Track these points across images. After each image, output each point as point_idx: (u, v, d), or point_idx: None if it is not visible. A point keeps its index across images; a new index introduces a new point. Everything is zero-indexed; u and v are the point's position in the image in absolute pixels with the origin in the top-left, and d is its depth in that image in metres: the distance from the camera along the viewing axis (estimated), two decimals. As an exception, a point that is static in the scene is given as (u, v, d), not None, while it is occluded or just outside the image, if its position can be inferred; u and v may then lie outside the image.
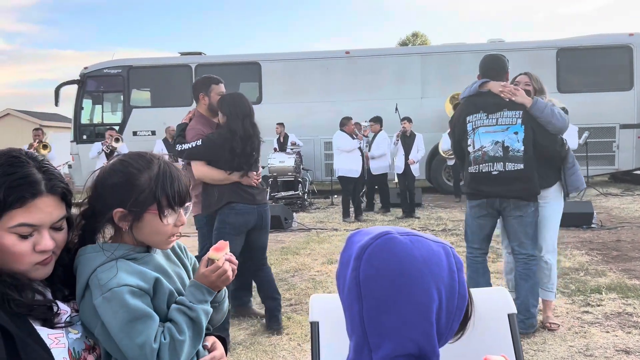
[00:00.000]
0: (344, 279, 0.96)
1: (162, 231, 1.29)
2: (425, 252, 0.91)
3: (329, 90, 13.19)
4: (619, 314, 4.05)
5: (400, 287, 0.88)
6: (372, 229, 0.97)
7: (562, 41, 12.87)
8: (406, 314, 0.88)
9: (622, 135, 12.46)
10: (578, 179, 3.71)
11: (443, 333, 0.93)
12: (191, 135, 3.69)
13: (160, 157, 1.33)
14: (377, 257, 0.90)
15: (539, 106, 3.52)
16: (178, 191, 1.30)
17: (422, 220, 9.10)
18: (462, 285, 0.94)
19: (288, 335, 3.82)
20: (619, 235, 7.11)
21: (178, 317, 1.26)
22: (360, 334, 0.92)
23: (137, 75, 13.61)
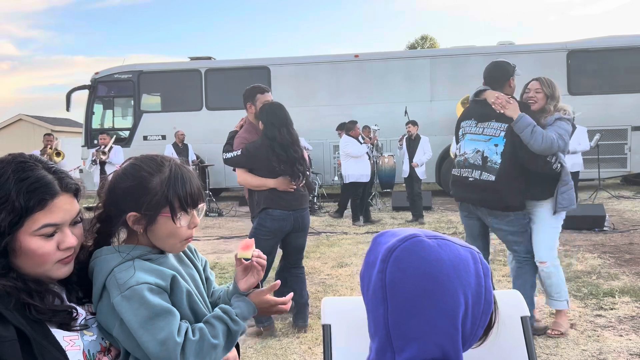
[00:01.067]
0: (368, 280, 0.95)
1: (176, 233, 1.30)
2: (453, 257, 0.90)
3: (338, 94, 13.21)
4: (632, 317, 4.01)
5: (427, 291, 0.88)
6: (399, 230, 0.97)
7: (572, 43, 12.80)
8: (432, 318, 0.87)
9: (634, 138, 12.36)
10: (568, 198, 3.57)
11: (467, 338, 0.92)
12: (237, 143, 3.92)
13: (172, 160, 1.34)
14: (404, 260, 0.89)
15: (519, 125, 3.48)
16: (190, 193, 1.31)
17: (432, 224, 9.07)
18: (489, 292, 0.93)
19: (299, 338, 3.82)
20: (632, 239, 7.04)
21: (217, 323, 1.28)
22: (383, 336, 0.91)
23: (147, 80, 13.70)
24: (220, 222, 10.15)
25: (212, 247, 7.52)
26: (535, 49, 12.69)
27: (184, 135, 12.10)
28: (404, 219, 9.67)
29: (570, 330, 3.80)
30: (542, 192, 3.63)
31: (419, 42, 60.42)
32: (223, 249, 7.40)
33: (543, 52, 12.58)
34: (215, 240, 8.09)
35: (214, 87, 13.49)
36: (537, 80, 3.69)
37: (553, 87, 3.68)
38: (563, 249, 6.52)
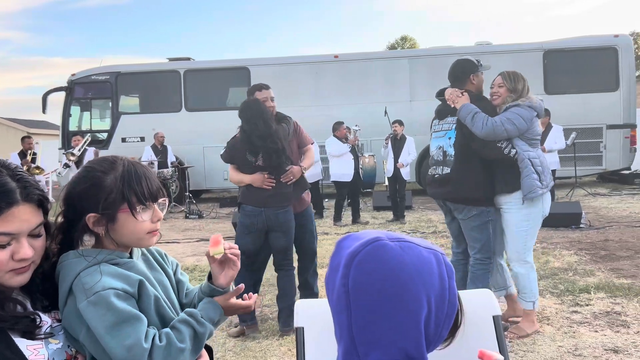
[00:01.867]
0: (332, 285, 0.94)
1: (139, 229, 1.29)
2: (416, 259, 0.90)
3: (319, 94, 13.20)
4: (607, 313, 4.07)
5: (390, 296, 0.87)
6: (363, 234, 0.96)
7: (548, 43, 12.98)
8: (395, 323, 0.87)
9: (609, 136, 12.57)
10: (526, 184, 3.54)
11: (432, 340, 0.92)
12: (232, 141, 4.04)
13: (125, 158, 1.34)
14: (367, 264, 0.89)
15: (461, 114, 3.58)
16: (147, 187, 1.30)
17: (412, 223, 9.12)
18: (453, 293, 0.93)
19: (278, 340, 3.81)
20: (607, 235, 7.17)
21: (183, 327, 1.27)
22: (348, 340, 0.90)
23: (125, 82, 13.56)
24: (200, 224, 10.08)
25: (192, 250, 7.46)
26: (512, 49, 12.84)
27: (163, 137, 11.99)
28: (384, 219, 9.70)
29: (546, 326, 3.85)
30: (506, 185, 3.61)
31: (399, 42, 60.68)
32: (203, 251, 7.34)
33: (520, 52, 12.74)
34: (195, 243, 8.04)
35: (194, 88, 13.40)
36: (500, 75, 3.74)
37: (515, 81, 3.67)
38: (540, 246, 6.61)
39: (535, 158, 3.59)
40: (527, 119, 3.54)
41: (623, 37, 12.95)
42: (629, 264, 5.58)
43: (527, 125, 3.55)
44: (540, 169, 3.57)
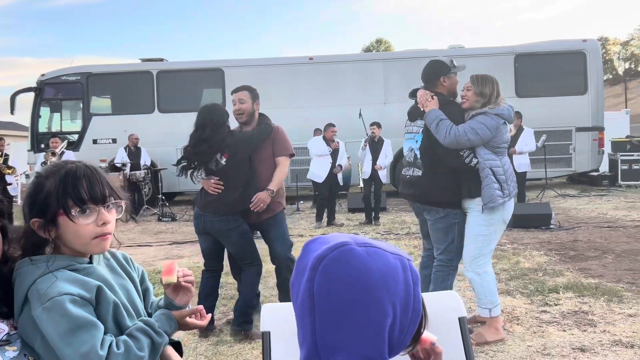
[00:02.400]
0: (298, 288, 0.93)
1: (82, 232, 1.26)
2: (382, 265, 0.89)
3: (293, 96, 13.19)
4: (575, 312, 4.15)
5: (354, 302, 0.87)
6: (331, 237, 0.95)
7: (519, 47, 13.21)
8: (359, 329, 0.87)
9: (578, 138, 12.85)
10: (486, 194, 3.52)
11: (394, 347, 0.92)
12: None
13: (78, 163, 1.31)
14: (332, 269, 0.88)
15: (427, 119, 3.61)
16: (87, 190, 1.27)
17: (386, 224, 9.17)
18: (417, 300, 0.93)
19: (251, 344, 3.79)
20: (576, 236, 7.31)
21: (141, 336, 1.25)
22: (310, 345, 0.89)
23: (96, 82, 13.35)
24: (173, 227, 9.97)
25: (165, 253, 7.38)
26: (484, 53, 13.03)
27: (138, 139, 11.84)
28: (359, 221, 9.74)
29: (516, 326, 3.90)
30: (469, 190, 3.62)
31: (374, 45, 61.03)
32: (176, 254, 7.27)
33: (492, 55, 12.94)
34: (167, 246, 7.94)
35: (167, 89, 13.26)
36: (470, 78, 3.71)
37: (483, 85, 3.62)
38: (511, 247, 6.71)
39: (498, 167, 3.56)
40: (491, 128, 3.50)
41: (591, 41, 13.26)
42: (596, 264, 5.71)
43: (492, 134, 3.51)
44: (502, 177, 3.55)
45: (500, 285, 4.97)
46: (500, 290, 4.80)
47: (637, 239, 6.95)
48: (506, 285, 4.99)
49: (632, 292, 4.59)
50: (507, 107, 3.61)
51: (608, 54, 72.51)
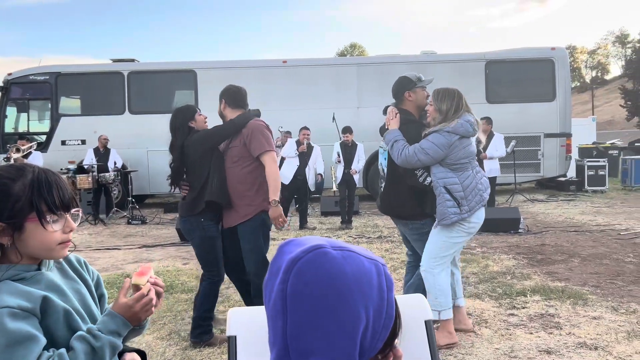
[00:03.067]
0: (270, 290, 0.92)
1: (49, 239, 1.23)
2: (357, 270, 0.88)
3: (266, 99, 13.12)
4: (542, 315, 4.23)
5: (327, 305, 0.85)
6: (306, 240, 0.94)
7: (490, 54, 13.43)
8: (330, 334, 0.86)
9: (547, 144, 13.11)
10: (439, 212, 3.60)
11: (366, 352, 0.91)
12: None
13: (35, 166, 1.27)
14: (306, 272, 0.87)
15: (385, 140, 3.76)
16: (59, 196, 1.24)
17: (359, 228, 9.20)
18: (391, 305, 0.92)
19: (220, 348, 3.75)
20: (544, 240, 7.45)
21: (77, 344, 1.19)
22: (281, 348, 0.88)
23: (66, 82, 13.08)
24: (143, 229, 9.82)
25: (134, 256, 7.26)
26: (455, 59, 13.22)
27: (107, 140, 11.63)
28: (332, 224, 9.75)
29: (484, 329, 3.95)
30: (431, 206, 3.69)
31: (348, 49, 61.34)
32: (145, 257, 7.16)
33: (463, 61, 13.13)
34: (137, 249, 7.82)
35: (138, 90, 13.07)
36: (432, 93, 3.74)
37: (441, 101, 3.64)
38: (481, 250, 6.81)
39: (454, 184, 3.57)
40: (442, 146, 3.52)
41: (559, 49, 13.57)
42: (563, 267, 5.82)
43: (444, 152, 3.53)
44: (460, 194, 3.56)
45: (469, 289, 5.03)
46: (469, 294, 4.86)
47: (602, 243, 7.12)
48: (475, 288, 5.06)
49: (597, 295, 4.70)
50: (463, 122, 3.58)
51: (576, 62, 74.33)
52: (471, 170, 3.65)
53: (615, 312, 4.24)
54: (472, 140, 3.72)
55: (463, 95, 3.70)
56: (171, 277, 5.76)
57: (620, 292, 4.81)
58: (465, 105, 3.67)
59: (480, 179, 3.69)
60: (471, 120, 3.63)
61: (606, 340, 3.64)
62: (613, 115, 51.53)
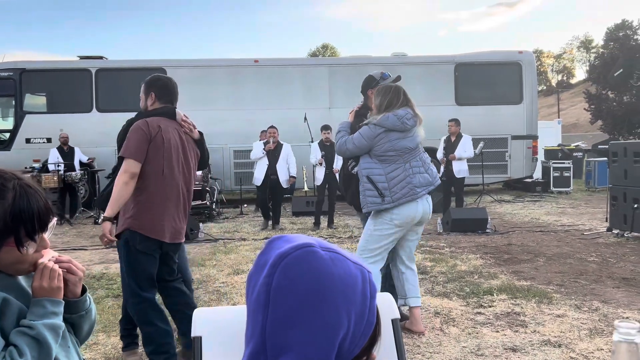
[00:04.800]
0: (255, 283, 0.91)
1: (22, 260, 1.20)
2: (344, 273, 0.88)
3: (238, 98, 13.07)
4: (508, 314, 4.30)
5: (310, 304, 0.85)
6: (296, 237, 0.93)
7: (459, 56, 13.62)
8: (311, 332, 0.85)
9: (514, 146, 13.37)
10: (362, 200, 3.78)
11: (343, 356, 0.90)
12: None
13: (15, 179, 1.21)
14: (294, 268, 0.86)
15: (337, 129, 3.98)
16: (38, 216, 1.20)
17: (328, 230, 9.21)
18: (372, 313, 0.92)
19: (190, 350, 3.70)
20: (510, 240, 7.59)
21: (17, 338, 1.17)
22: (259, 342, 0.87)
23: (31, 79, 12.76)
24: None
25: (100, 257, 7.13)
26: (425, 61, 13.37)
27: (66, 138, 11.34)
28: (303, 224, 9.75)
29: (452, 328, 4.01)
30: (351, 196, 4.01)
31: (320, 50, 61.46)
32: (112, 258, 7.02)
33: (433, 63, 13.29)
34: (104, 250, 7.67)
35: (106, 87, 12.84)
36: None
37: (377, 96, 3.79)
38: (449, 250, 6.89)
39: (378, 175, 3.67)
40: (368, 137, 3.67)
41: (526, 53, 13.85)
42: (529, 266, 5.94)
43: (368, 143, 3.68)
44: (384, 185, 3.66)
45: (437, 288, 5.09)
46: (437, 293, 4.93)
47: (567, 243, 7.30)
48: (443, 287, 5.12)
49: (561, 294, 4.81)
50: (389, 116, 3.66)
51: (542, 66, 75.98)
52: (403, 164, 3.69)
53: (579, 310, 4.34)
54: (410, 135, 3.72)
55: (402, 92, 3.77)
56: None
57: (584, 290, 4.93)
58: (402, 101, 3.74)
59: (415, 175, 3.70)
60: (400, 114, 3.67)
61: (569, 337, 3.73)
62: (578, 119, 52.86)
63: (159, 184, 3.09)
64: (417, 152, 3.78)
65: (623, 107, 33.13)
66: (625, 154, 7.34)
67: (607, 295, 4.77)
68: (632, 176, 7.21)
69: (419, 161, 3.76)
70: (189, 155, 3.27)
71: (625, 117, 32.39)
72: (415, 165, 3.73)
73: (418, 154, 3.78)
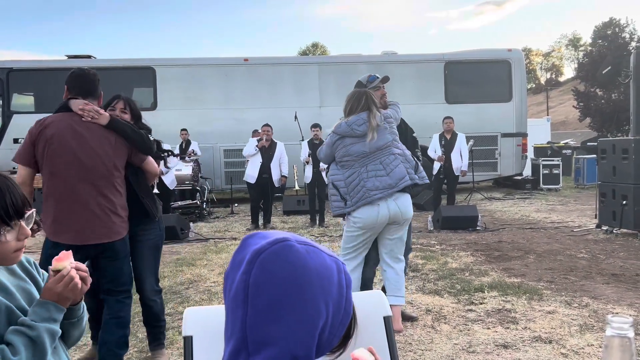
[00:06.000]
0: (232, 281, 0.92)
1: (3, 249, 1.19)
2: (319, 265, 0.90)
3: (228, 97, 13.02)
4: (498, 310, 4.32)
5: (289, 297, 0.86)
6: (270, 233, 0.94)
7: (449, 55, 13.66)
8: (290, 325, 0.86)
9: (503, 144, 13.43)
10: (330, 205, 3.97)
11: (322, 347, 0.92)
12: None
13: None
14: (270, 263, 0.87)
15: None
16: (11, 204, 1.19)
17: (319, 228, 9.21)
18: (349, 303, 0.94)
19: (179, 350, 3.68)
20: (501, 237, 7.63)
21: (14, 337, 1.16)
22: (239, 338, 0.88)
23: (18, 79, 12.64)
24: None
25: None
26: (415, 59, 13.40)
27: None
28: (294, 223, 9.74)
29: (443, 325, 4.02)
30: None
31: (310, 49, 61.47)
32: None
33: (423, 62, 13.32)
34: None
35: (94, 87, 12.74)
36: None
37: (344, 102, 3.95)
38: (440, 248, 6.91)
39: (339, 180, 3.82)
40: (328, 145, 3.88)
41: (515, 51, 13.91)
42: (519, 263, 5.97)
43: (329, 150, 3.88)
44: (344, 190, 3.78)
45: (429, 285, 5.10)
46: (428, 290, 4.94)
47: (557, 240, 7.34)
48: (435, 285, 5.13)
49: (551, 290, 4.83)
50: (342, 123, 3.81)
51: (531, 65, 76.43)
52: (359, 168, 3.75)
53: (569, 306, 4.37)
54: (365, 139, 3.72)
55: (363, 98, 3.79)
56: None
57: (574, 287, 4.96)
58: (363, 106, 3.77)
59: (370, 178, 3.72)
60: (351, 120, 3.74)
61: (560, 333, 3.75)
62: (567, 116, 53.19)
63: (50, 185, 2.91)
64: (377, 156, 3.76)
65: (611, 104, 33.36)
66: (614, 151, 7.39)
67: (597, 291, 4.80)
68: (620, 173, 7.27)
69: (379, 164, 3.75)
70: (92, 146, 2.95)
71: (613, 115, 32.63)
72: (372, 169, 3.74)
73: (379, 158, 3.76)
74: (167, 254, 7.12)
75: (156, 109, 12.50)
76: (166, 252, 7.25)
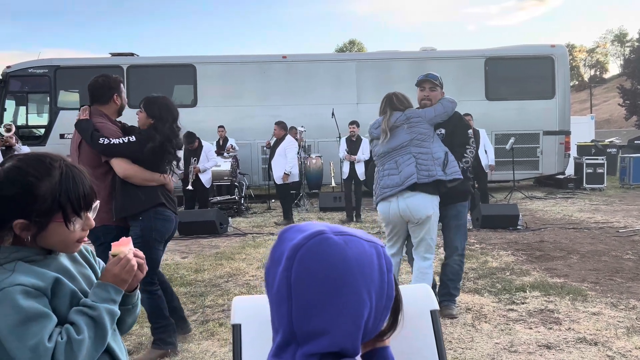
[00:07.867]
0: (273, 277, 0.93)
1: (69, 238, 1.25)
2: (358, 254, 0.90)
3: (266, 94, 13.13)
4: (541, 310, 4.23)
5: (331, 290, 0.87)
6: (306, 226, 0.95)
7: (490, 51, 13.41)
8: (336, 316, 0.88)
9: (545, 142, 13.12)
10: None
11: (368, 333, 0.93)
12: (109, 131, 3.53)
13: (61, 160, 1.26)
14: (309, 258, 0.89)
15: None
16: (83, 195, 1.25)
17: (356, 224, 9.21)
18: (391, 286, 0.94)
19: (219, 341, 3.75)
20: (542, 236, 7.45)
21: (77, 317, 1.21)
22: (287, 331, 0.90)
23: (64, 76, 13.04)
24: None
25: (133, 250, 7.25)
26: (455, 56, 13.21)
27: None
28: (330, 220, 9.75)
29: (484, 324, 3.96)
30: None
31: (347, 46, 61.31)
32: (144, 251, 7.15)
33: (463, 58, 13.11)
34: (136, 243, 7.81)
35: (137, 84, 13.03)
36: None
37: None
38: (480, 247, 6.81)
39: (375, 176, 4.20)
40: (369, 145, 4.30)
41: (559, 47, 13.56)
42: (562, 264, 5.83)
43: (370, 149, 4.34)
44: (374, 185, 4.19)
45: (468, 284, 5.04)
46: (468, 289, 4.87)
47: (601, 240, 7.13)
48: (474, 284, 5.06)
49: (596, 292, 4.70)
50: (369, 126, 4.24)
51: (574, 61, 74.38)
52: (380, 166, 4.10)
53: (615, 308, 4.24)
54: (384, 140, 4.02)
55: (385, 101, 4.10)
56: (170, 271, 5.75)
57: (620, 288, 4.82)
58: (382, 109, 4.10)
59: (384, 177, 4.02)
60: (371, 123, 4.21)
61: (606, 335, 3.65)
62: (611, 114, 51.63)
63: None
64: (393, 156, 3.99)
65: (659, 102, 32.20)
66: (663, 149, 7.12)
67: (645, 293, 4.65)
68: (670, 172, 7.00)
69: (394, 163, 3.99)
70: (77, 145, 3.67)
71: (661, 113, 31.46)
72: (388, 168, 4.02)
73: (394, 157, 3.98)
74: (206, 247, 7.25)
75: (196, 106, 12.70)
76: (206, 245, 7.38)
